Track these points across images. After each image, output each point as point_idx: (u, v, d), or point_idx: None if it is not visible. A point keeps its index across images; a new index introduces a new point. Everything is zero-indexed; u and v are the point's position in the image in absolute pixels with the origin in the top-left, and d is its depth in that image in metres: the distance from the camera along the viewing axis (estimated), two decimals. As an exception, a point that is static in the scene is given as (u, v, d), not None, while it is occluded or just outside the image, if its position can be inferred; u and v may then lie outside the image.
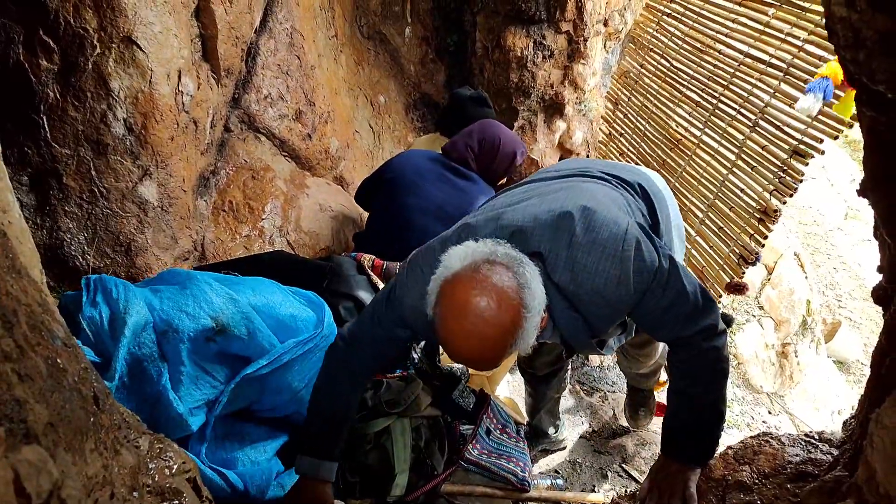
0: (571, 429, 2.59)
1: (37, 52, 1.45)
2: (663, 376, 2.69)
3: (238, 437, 1.56)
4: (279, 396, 1.61)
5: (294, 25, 2.41)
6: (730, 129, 2.36)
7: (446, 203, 2.22)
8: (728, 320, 2.27)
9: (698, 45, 2.74)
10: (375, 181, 2.37)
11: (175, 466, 0.97)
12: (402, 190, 2.28)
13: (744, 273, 2.20)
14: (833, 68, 1.94)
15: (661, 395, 3.07)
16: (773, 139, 2.13)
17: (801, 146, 2.01)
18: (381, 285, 2.03)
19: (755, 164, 2.19)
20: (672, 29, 3.03)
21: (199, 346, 1.46)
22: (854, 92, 0.89)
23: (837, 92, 1.95)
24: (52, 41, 1.46)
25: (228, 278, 1.65)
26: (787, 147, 2.07)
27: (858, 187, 1.03)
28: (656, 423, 2.73)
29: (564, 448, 2.50)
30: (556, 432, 2.44)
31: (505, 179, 2.47)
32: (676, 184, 2.65)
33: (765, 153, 2.14)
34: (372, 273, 2.05)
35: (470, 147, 2.33)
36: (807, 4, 2.08)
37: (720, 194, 2.35)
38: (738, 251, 2.20)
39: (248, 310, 1.54)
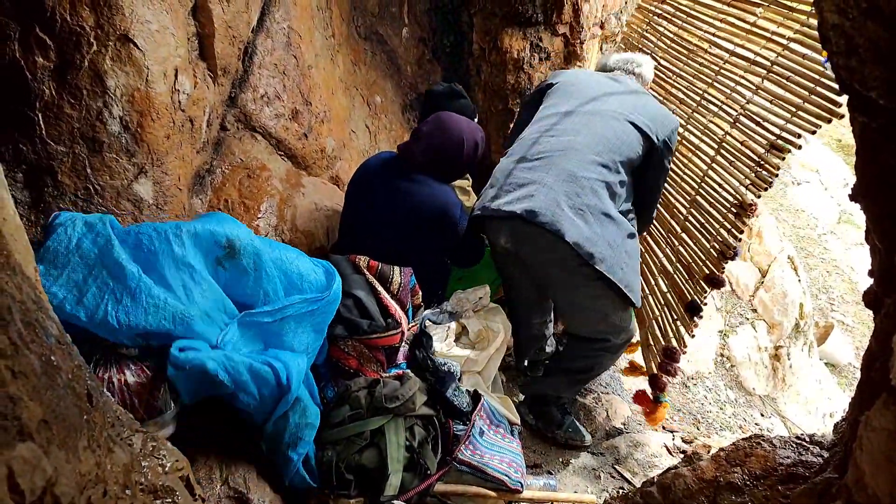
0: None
1: (33, 49, 1.45)
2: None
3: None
4: None
5: (291, 25, 2.41)
6: (711, 126, 2.38)
7: (389, 206, 2.25)
8: (695, 308, 2.30)
9: (687, 45, 2.76)
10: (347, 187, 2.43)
11: (168, 464, 0.97)
12: (355, 195, 2.36)
13: (723, 268, 2.22)
14: None
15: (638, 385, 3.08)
16: (752, 134, 2.15)
17: (780, 141, 2.04)
18: (377, 285, 2.03)
19: (733, 160, 2.21)
20: (661, 29, 3.05)
21: (209, 260, 1.59)
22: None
23: (800, 111, 2.02)
24: (48, 38, 1.46)
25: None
26: (764, 142, 2.09)
27: (850, 192, 1.04)
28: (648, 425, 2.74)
29: (587, 446, 2.51)
30: (564, 421, 2.49)
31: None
32: (664, 179, 2.68)
33: (743, 147, 2.17)
34: (368, 273, 2.06)
35: (426, 151, 2.28)
36: (794, 4, 2.10)
37: (701, 190, 2.37)
38: (718, 247, 2.22)
39: (262, 250, 1.67)
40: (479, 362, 2.30)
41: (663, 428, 2.92)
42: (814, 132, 1.96)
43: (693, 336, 2.40)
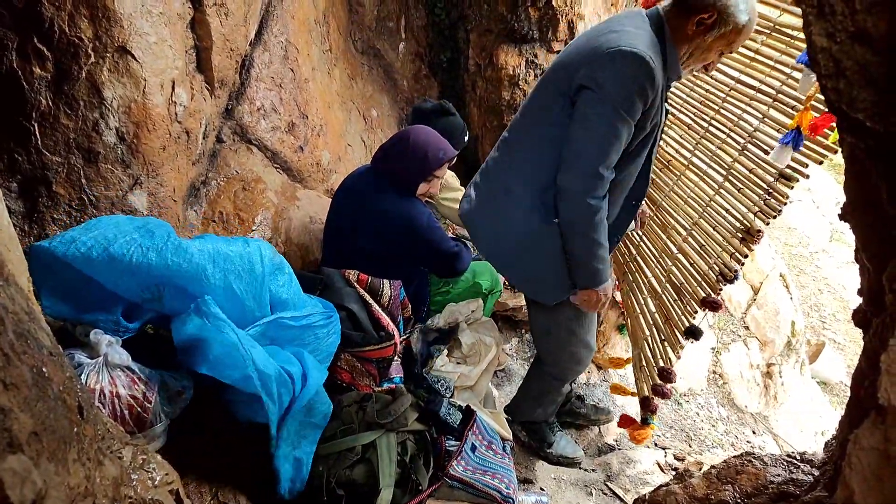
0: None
1: (30, 59, 1.46)
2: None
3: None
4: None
5: (289, 39, 2.43)
6: (719, 152, 2.40)
7: (360, 218, 2.23)
8: (696, 333, 2.30)
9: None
10: None
11: (158, 478, 0.97)
12: (333, 206, 2.37)
13: (720, 290, 2.24)
14: (800, 117, 1.99)
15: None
16: (760, 163, 2.17)
17: (787, 170, 2.06)
18: (368, 298, 2.03)
19: (742, 187, 2.23)
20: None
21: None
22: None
23: (807, 142, 2.00)
24: (46, 49, 1.46)
25: None
26: (773, 171, 2.11)
27: (840, 212, 1.05)
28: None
29: (578, 464, 2.51)
30: (554, 438, 2.47)
31: (433, 181, 2.30)
32: (664, 202, 2.69)
33: (752, 176, 2.18)
34: (358, 286, 2.06)
35: (386, 162, 2.26)
36: (795, 33, 2.12)
37: (705, 213, 2.39)
38: (717, 269, 2.24)
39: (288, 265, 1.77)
40: (472, 377, 2.29)
41: (655, 445, 2.91)
42: (820, 162, 1.99)
43: (679, 357, 2.41)
